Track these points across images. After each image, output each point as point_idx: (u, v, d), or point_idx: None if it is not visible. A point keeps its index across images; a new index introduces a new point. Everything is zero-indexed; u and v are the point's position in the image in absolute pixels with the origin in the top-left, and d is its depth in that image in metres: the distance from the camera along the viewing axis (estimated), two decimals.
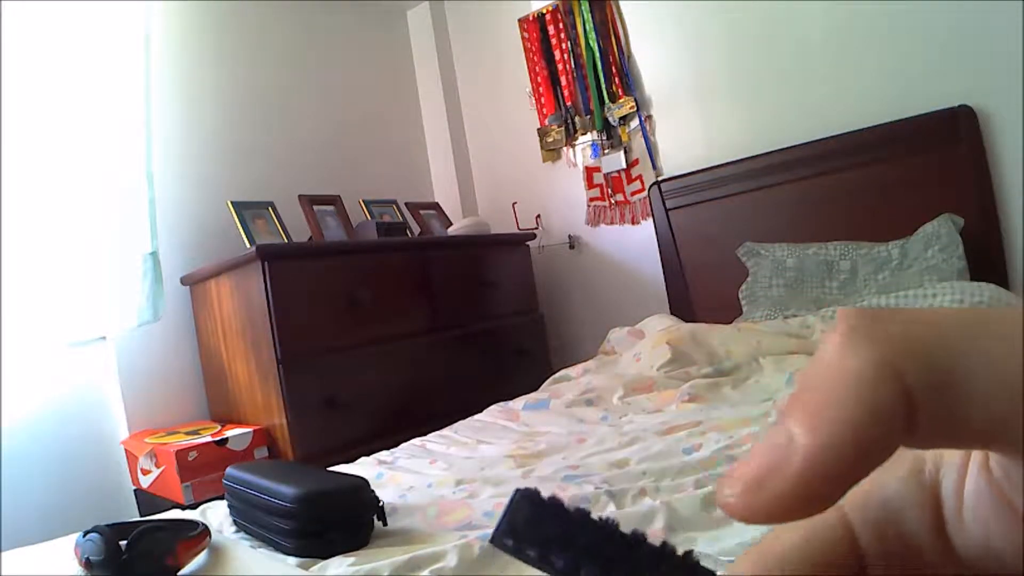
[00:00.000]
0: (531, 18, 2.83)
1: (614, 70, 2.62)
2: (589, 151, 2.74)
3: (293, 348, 1.95)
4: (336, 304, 2.08)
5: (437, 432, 1.78)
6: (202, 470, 1.81)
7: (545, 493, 0.14)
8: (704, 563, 0.14)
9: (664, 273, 2.57)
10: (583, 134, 2.74)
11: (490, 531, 0.15)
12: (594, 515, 0.14)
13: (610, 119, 2.64)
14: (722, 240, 2.35)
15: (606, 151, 2.69)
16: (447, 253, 2.49)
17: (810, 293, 2.03)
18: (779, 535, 0.15)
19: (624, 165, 2.65)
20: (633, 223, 2.67)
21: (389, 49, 3.13)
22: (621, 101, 2.60)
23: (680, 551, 0.14)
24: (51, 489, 1.88)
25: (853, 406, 0.11)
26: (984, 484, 0.13)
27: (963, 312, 0.12)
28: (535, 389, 2.08)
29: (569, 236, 2.86)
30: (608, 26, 2.62)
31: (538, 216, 2.94)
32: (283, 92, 2.67)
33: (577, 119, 2.73)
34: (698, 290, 2.47)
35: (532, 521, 0.14)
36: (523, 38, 2.86)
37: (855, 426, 0.11)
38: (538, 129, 2.86)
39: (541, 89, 2.82)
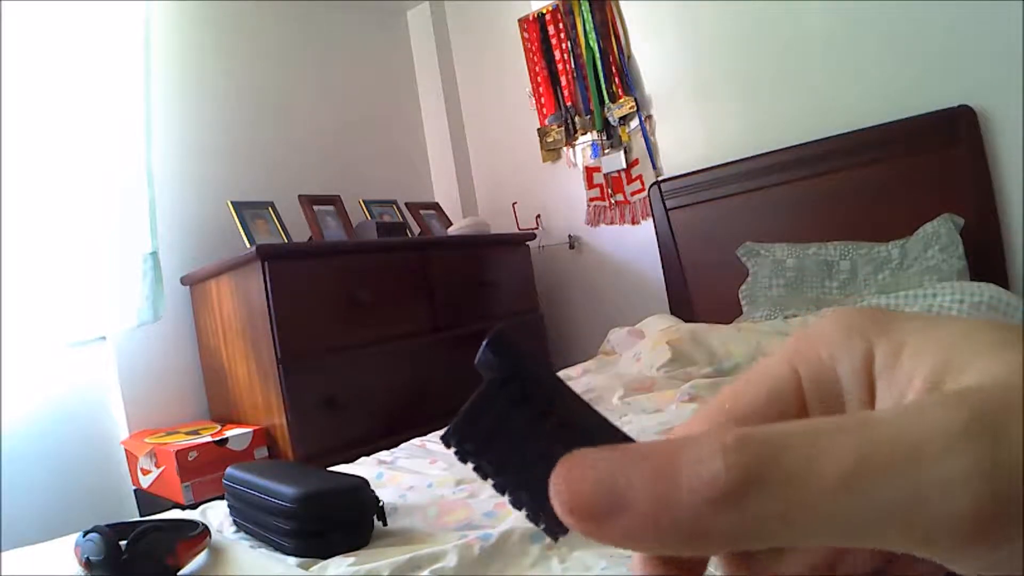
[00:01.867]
0: (531, 18, 2.83)
1: (614, 70, 2.62)
2: (589, 151, 2.74)
3: (293, 348, 1.95)
4: (336, 304, 2.08)
5: (437, 432, 1.78)
6: (202, 470, 1.81)
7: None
8: None
9: (664, 273, 2.57)
10: (583, 134, 2.74)
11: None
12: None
13: (610, 119, 2.64)
14: (722, 240, 2.35)
15: (606, 151, 2.69)
16: (447, 253, 2.49)
17: (810, 293, 2.03)
18: (738, 392, 0.18)
19: (624, 165, 2.65)
20: (633, 223, 2.67)
21: (389, 49, 3.13)
22: (621, 101, 2.60)
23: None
24: (51, 489, 1.88)
25: (686, 537, 0.13)
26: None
27: (835, 483, 0.13)
28: None
29: (569, 236, 2.86)
30: (608, 26, 2.62)
31: (538, 216, 2.94)
32: (283, 92, 2.67)
33: (577, 119, 2.73)
34: (698, 290, 2.47)
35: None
36: (523, 38, 2.86)
37: (676, 545, 0.13)
38: (538, 129, 2.86)
39: (541, 89, 2.82)
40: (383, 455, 1.60)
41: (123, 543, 0.78)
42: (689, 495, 0.13)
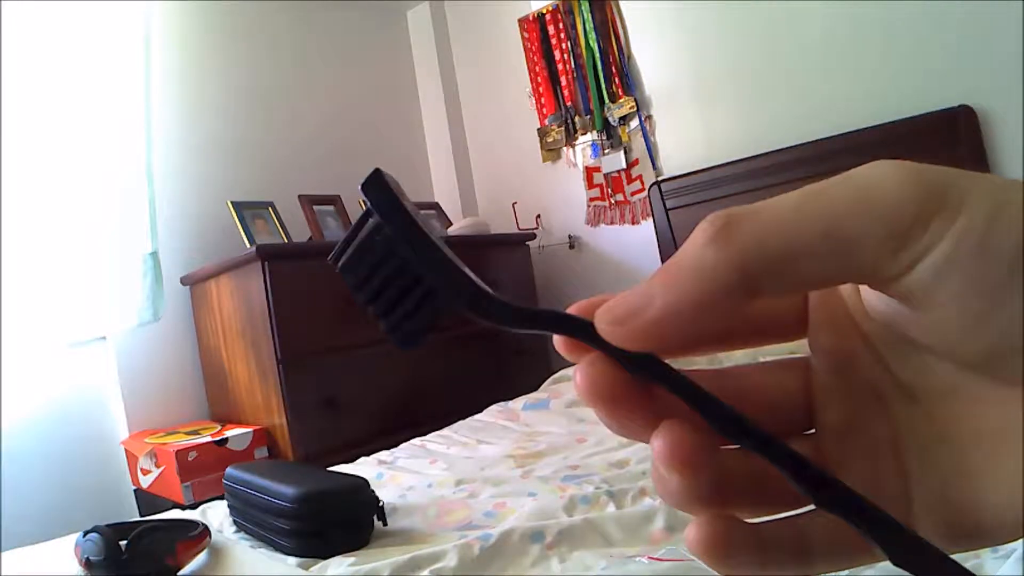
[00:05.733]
0: (531, 18, 2.83)
1: (614, 70, 2.62)
2: (589, 151, 2.74)
3: (293, 348, 1.95)
4: (336, 304, 2.07)
5: (437, 432, 1.78)
6: (202, 470, 1.81)
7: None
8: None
9: None
10: (583, 134, 2.74)
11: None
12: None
13: (610, 119, 2.64)
14: None
15: (606, 151, 2.69)
16: None
17: None
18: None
19: (624, 165, 2.65)
20: (633, 223, 2.67)
21: (389, 49, 3.13)
22: (621, 101, 2.60)
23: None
24: (51, 489, 1.88)
25: (700, 284, 0.16)
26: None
27: (791, 203, 0.16)
28: (535, 389, 2.08)
29: (569, 236, 2.86)
30: (608, 26, 2.62)
31: (538, 216, 2.94)
32: (283, 92, 2.67)
33: (577, 119, 2.73)
34: None
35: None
36: (523, 38, 2.86)
37: (697, 299, 0.16)
38: (538, 129, 2.86)
39: (541, 89, 2.82)
40: (383, 455, 1.60)
41: (123, 543, 0.78)
42: (691, 247, 0.16)
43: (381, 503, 1.05)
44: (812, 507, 0.20)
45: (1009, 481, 0.16)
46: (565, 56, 2.74)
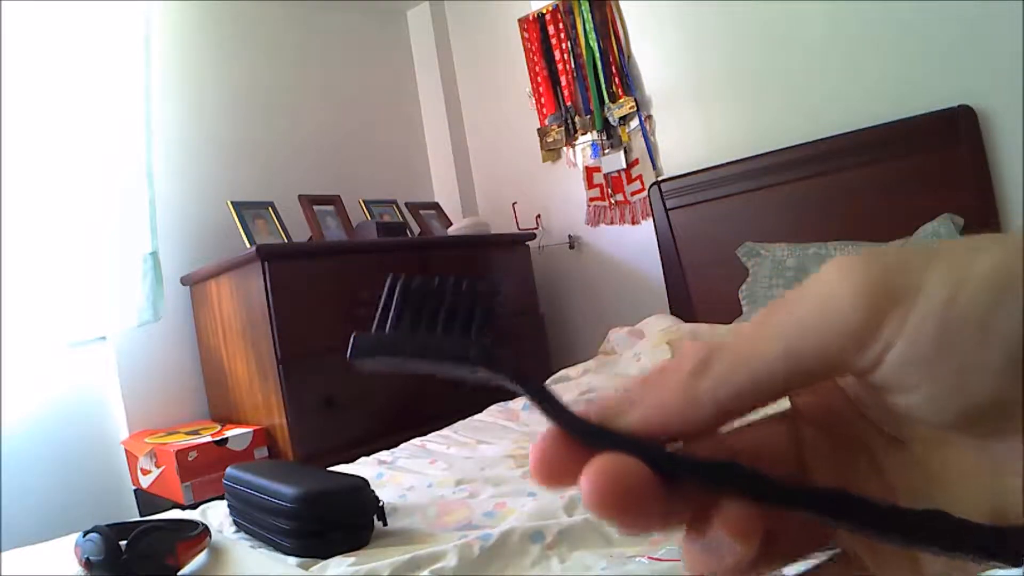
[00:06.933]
0: (531, 18, 2.83)
1: (614, 70, 2.62)
2: (589, 151, 2.74)
3: (293, 348, 1.95)
4: (336, 304, 2.07)
5: (437, 432, 1.78)
6: (202, 470, 1.81)
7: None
8: None
9: (664, 273, 2.57)
10: (583, 134, 2.74)
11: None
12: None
13: (610, 119, 2.64)
14: (722, 240, 2.35)
15: (606, 151, 2.69)
16: (447, 253, 2.49)
17: None
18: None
19: (624, 165, 2.65)
20: (633, 223, 2.67)
21: (389, 49, 3.13)
22: (621, 101, 2.60)
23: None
24: (51, 489, 1.88)
25: (676, 408, 0.18)
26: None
27: (752, 330, 0.18)
28: None
29: (569, 236, 2.86)
30: (608, 26, 2.62)
31: (538, 216, 2.93)
32: (283, 92, 2.67)
33: (577, 119, 2.73)
34: (698, 290, 2.47)
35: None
36: (523, 38, 2.86)
37: (676, 415, 0.18)
38: (538, 129, 2.86)
39: (541, 89, 2.82)
40: (383, 455, 1.60)
41: (123, 543, 0.78)
42: (675, 375, 0.18)
43: (381, 503, 1.05)
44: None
45: (995, 519, 0.16)
46: (565, 56, 2.74)
